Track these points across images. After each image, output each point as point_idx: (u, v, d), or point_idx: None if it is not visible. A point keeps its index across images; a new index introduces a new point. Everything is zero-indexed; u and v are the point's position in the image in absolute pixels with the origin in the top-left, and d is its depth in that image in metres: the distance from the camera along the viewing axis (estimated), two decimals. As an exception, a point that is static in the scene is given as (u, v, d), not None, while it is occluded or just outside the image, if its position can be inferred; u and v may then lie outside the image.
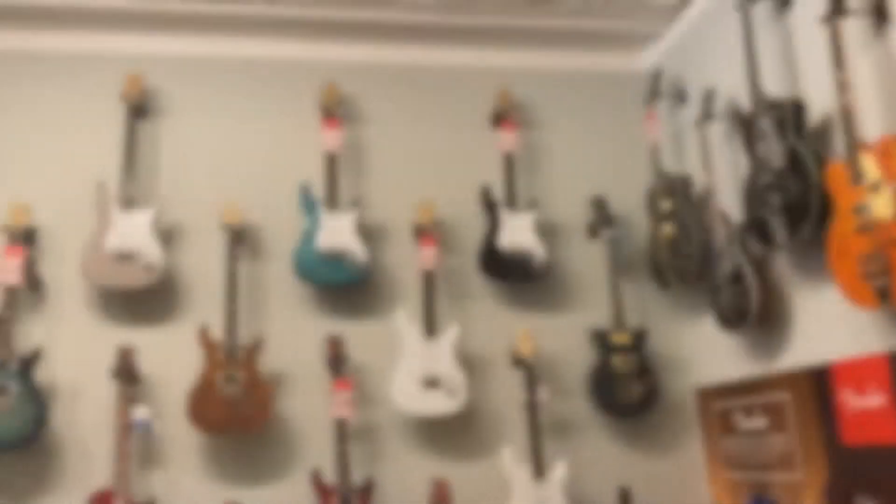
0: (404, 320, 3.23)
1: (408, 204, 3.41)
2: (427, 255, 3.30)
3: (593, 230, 3.51)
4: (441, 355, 3.19)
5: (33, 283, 3.07)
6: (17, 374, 2.90)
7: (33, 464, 2.98)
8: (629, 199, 3.58)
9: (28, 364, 2.93)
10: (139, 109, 3.30)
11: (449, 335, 3.24)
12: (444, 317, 3.33)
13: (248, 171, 3.41)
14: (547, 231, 3.49)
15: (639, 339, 3.35)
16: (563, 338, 3.44)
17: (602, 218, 3.48)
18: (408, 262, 3.39)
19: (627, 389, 3.27)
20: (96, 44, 3.40)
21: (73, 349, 3.10)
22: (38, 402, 2.89)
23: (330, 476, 3.03)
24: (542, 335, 3.37)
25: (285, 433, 3.17)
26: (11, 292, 2.97)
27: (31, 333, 3.09)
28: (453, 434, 3.27)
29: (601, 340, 3.34)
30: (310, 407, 3.19)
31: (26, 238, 3.09)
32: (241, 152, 3.44)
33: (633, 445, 3.38)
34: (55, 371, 3.06)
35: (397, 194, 3.47)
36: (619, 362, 3.30)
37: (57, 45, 3.37)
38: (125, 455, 2.88)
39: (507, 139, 3.52)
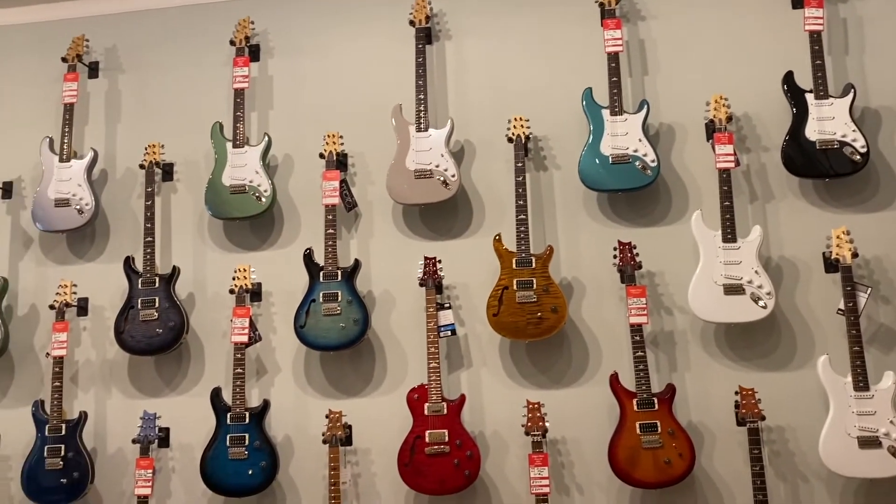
0: (701, 224, 2.73)
1: (699, 100, 2.87)
2: (724, 154, 2.74)
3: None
4: (743, 259, 2.66)
5: (348, 203, 3.04)
6: (343, 284, 2.89)
7: (360, 363, 3.00)
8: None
9: (351, 274, 2.92)
10: (427, 33, 3.09)
11: (751, 238, 2.69)
12: (745, 219, 2.77)
13: (530, 83, 3.10)
14: (867, 118, 2.74)
15: None
16: (888, 237, 2.71)
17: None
18: (702, 161, 2.86)
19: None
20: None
21: (384, 261, 3.05)
22: (361, 308, 2.87)
23: (628, 383, 2.68)
24: (861, 235, 2.67)
25: (581, 339, 2.88)
26: (332, 212, 2.94)
27: (349, 248, 3.07)
28: (758, 342, 2.76)
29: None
30: (605, 313, 2.87)
31: (340, 163, 3.05)
32: (522, 66, 3.12)
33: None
34: (370, 281, 3.02)
35: (687, 90, 2.95)
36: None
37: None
38: (435, 356, 2.77)
39: (814, 17, 2.78)
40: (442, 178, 2.91)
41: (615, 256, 2.80)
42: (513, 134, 2.93)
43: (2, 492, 3.12)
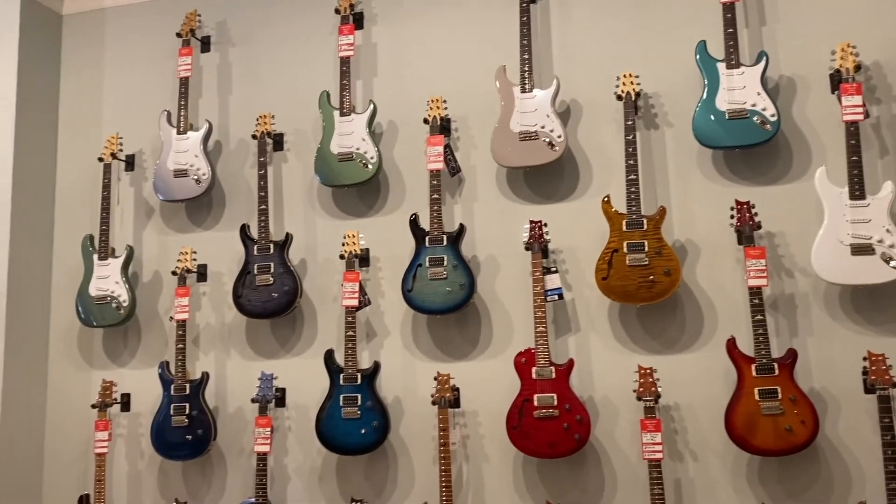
0: (826, 181, 2.57)
1: (823, 49, 2.68)
2: (851, 105, 2.55)
3: None
4: (873, 218, 2.49)
5: (452, 168, 3.02)
6: (448, 248, 2.89)
7: (466, 326, 3.00)
8: None
9: (456, 239, 2.91)
10: (531, -8, 3.01)
11: (882, 195, 2.51)
12: (874, 174, 2.58)
13: (640, 38, 2.98)
14: None
15: None
16: None
17: None
18: (826, 115, 2.68)
19: None
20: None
21: (489, 226, 3.02)
22: (467, 272, 2.86)
23: (746, 347, 2.57)
24: None
25: (695, 302, 2.77)
26: (436, 177, 2.93)
27: (453, 213, 3.06)
28: (888, 304, 2.60)
29: None
30: (721, 276, 2.75)
31: (444, 128, 3.04)
32: (631, 20, 3.00)
33: None
34: (475, 246, 3.01)
35: (809, 40, 2.76)
36: None
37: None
38: (542, 320, 2.73)
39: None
40: (548, 140, 2.85)
41: (732, 217, 2.67)
42: (622, 91, 2.83)
43: (134, 446, 3.32)
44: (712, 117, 2.70)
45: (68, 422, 3.41)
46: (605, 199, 2.78)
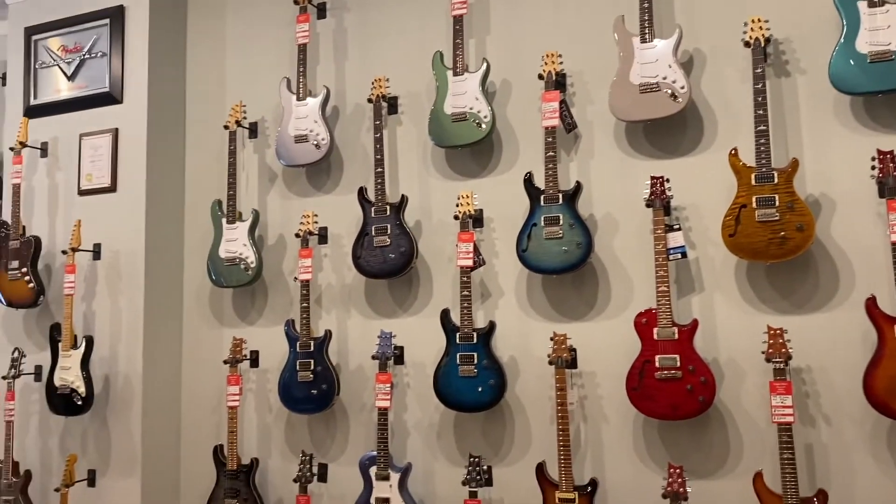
0: (984, 124, 2.33)
1: None
2: None
3: None
4: None
5: (568, 125, 2.95)
6: (564, 207, 2.84)
7: (583, 286, 2.94)
8: None
9: (572, 197, 2.85)
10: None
11: None
12: None
13: (772, -22, 2.76)
14: None
15: None
16: None
17: None
18: None
19: None
20: None
21: (607, 183, 2.94)
22: (584, 231, 2.80)
23: (887, 306, 2.39)
24: None
25: (830, 260, 2.60)
26: (551, 133, 2.88)
27: (569, 171, 2.99)
28: None
29: None
30: (859, 231, 2.56)
31: (559, 83, 2.96)
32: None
33: None
34: (592, 204, 2.94)
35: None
36: None
37: None
38: (664, 279, 2.64)
39: None
40: (670, 91, 2.73)
41: (873, 167, 2.48)
42: (750, 37, 2.66)
43: (262, 400, 3.48)
44: (851, 61, 2.50)
45: (202, 377, 3.61)
46: (733, 151, 2.64)
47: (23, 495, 3.47)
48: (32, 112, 3.82)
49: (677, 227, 2.71)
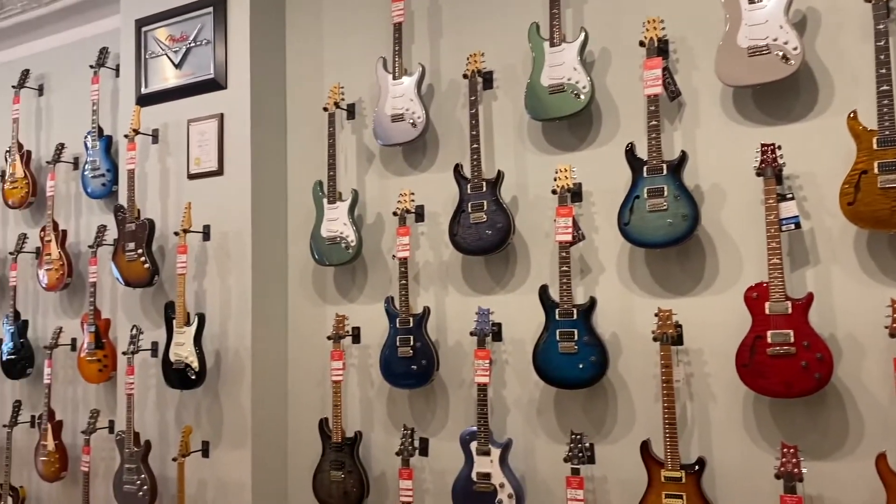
0: None
1: None
2: None
3: None
4: None
5: (672, 92, 2.84)
6: (669, 178, 2.74)
7: (687, 260, 2.84)
8: None
9: (677, 168, 2.76)
10: None
11: None
12: None
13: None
14: None
15: None
16: None
17: None
18: None
19: None
20: None
21: (713, 152, 2.82)
22: (690, 203, 2.70)
23: None
24: None
25: (964, 227, 2.40)
26: (654, 102, 2.78)
27: (672, 141, 2.89)
28: None
29: None
30: None
31: (661, 50, 2.86)
32: None
33: None
34: (698, 174, 2.83)
35: None
36: None
37: None
38: (777, 251, 2.52)
39: None
40: (781, 53, 2.58)
41: None
42: (871, -9, 2.48)
43: (364, 375, 3.55)
44: None
45: (307, 352, 3.72)
46: (852, 114, 2.48)
47: (143, 464, 3.68)
48: (144, 100, 3.99)
49: (790, 196, 2.57)
